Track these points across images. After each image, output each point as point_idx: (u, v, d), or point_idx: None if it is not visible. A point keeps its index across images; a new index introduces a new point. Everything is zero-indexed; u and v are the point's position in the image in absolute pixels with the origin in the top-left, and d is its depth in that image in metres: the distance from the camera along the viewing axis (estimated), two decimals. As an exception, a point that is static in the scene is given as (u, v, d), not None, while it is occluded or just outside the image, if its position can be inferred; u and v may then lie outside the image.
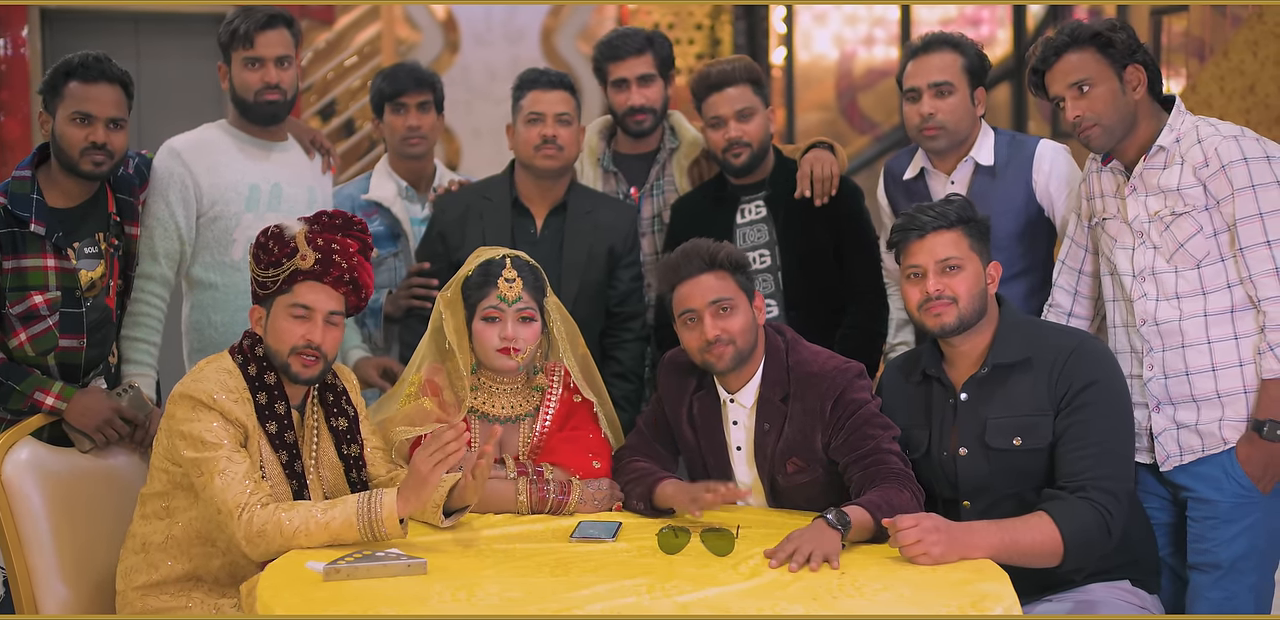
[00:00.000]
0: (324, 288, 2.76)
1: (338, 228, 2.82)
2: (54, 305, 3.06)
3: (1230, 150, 2.77)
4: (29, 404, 3.01)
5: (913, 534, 2.44)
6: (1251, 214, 2.75)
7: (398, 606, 2.25)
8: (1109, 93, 2.86)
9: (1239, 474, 2.78)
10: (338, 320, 2.79)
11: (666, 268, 2.91)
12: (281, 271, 2.75)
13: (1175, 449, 2.86)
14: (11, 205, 3.01)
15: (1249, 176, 2.75)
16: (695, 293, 2.85)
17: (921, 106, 3.27)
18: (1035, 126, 6.20)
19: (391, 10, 7.46)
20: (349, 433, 2.86)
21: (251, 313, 2.81)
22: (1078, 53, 2.87)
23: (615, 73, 3.72)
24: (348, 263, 2.78)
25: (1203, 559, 2.82)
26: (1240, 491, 2.79)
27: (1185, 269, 2.83)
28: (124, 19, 7.12)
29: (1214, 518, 2.81)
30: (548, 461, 2.95)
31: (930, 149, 3.34)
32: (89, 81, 3.07)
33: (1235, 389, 2.80)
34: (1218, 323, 2.81)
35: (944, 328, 2.75)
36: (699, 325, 2.85)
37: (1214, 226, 2.80)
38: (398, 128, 3.77)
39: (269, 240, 2.77)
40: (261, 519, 2.56)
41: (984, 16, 6.67)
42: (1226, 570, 2.79)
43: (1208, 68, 4.82)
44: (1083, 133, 2.90)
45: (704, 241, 2.91)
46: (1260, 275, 2.76)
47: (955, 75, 3.27)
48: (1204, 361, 2.82)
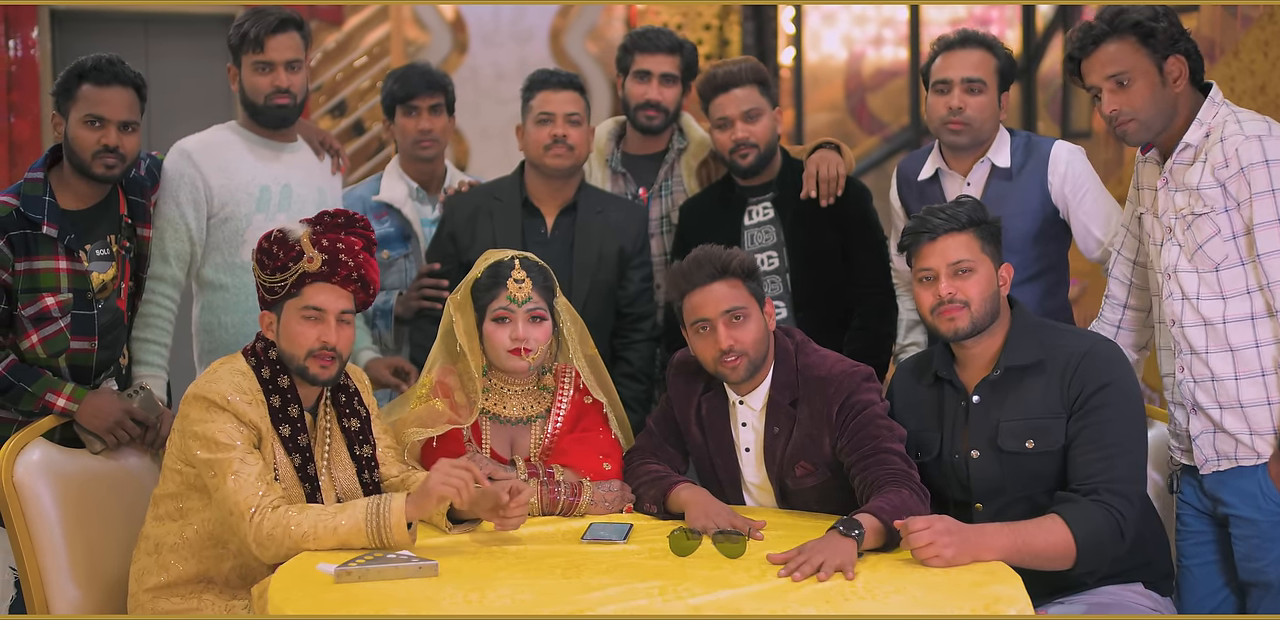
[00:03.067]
0: (333, 288, 2.76)
1: (340, 226, 2.82)
2: (65, 307, 3.06)
3: (1251, 152, 2.68)
4: (40, 405, 3.01)
5: (925, 536, 2.43)
6: (1271, 219, 2.66)
7: (409, 608, 2.25)
8: (1148, 87, 2.76)
9: (1273, 491, 2.73)
10: (349, 319, 2.79)
11: (677, 275, 2.89)
12: (289, 275, 2.74)
13: (1212, 453, 2.80)
14: (24, 207, 3.02)
15: (1269, 180, 2.66)
16: (708, 302, 2.84)
17: (951, 99, 3.25)
18: (1044, 126, 6.18)
19: (400, 11, 7.45)
20: (361, 434, 2.86)
21: (261, 318, 2.80)
22: (1117, 43, 2.77)
23: (641, 64, 3.73)
24: (354, 261, 2.77)
25: (1253, 577, 2.76)
26: (1276, 509, 2.73)
27: (1205, 271, 2.76)
28: (133, 20, 7.13)
29: (1256, 537, 2.74)
30: (558, 463, 2.95)
31: (950, 144, 3.32)
32: (102, 84, 3.07)
33: (1258, 400, 2.73)
34: (1238, 330, 2.74)
35: (957, 332, 2.73)
36: (712, 335, 2.83)
37: (1233, 229, 2.72)
38: (409, 130, 3.77)
39: (273, 245, 2.76)
40: (271, 522, 2.56)
41: (993, 17, 6.65)
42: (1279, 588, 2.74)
43: (1218, 68, 4.81)
44: (1119, 126, 2.81)
45: (715, 249, 2.89)
46: (1278, 282, 2.68)
47: (988, 74, 3.25)
48: (1227, 369, 2.75)
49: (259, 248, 2.78)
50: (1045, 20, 6.29)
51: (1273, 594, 2.75)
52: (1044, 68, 6.23)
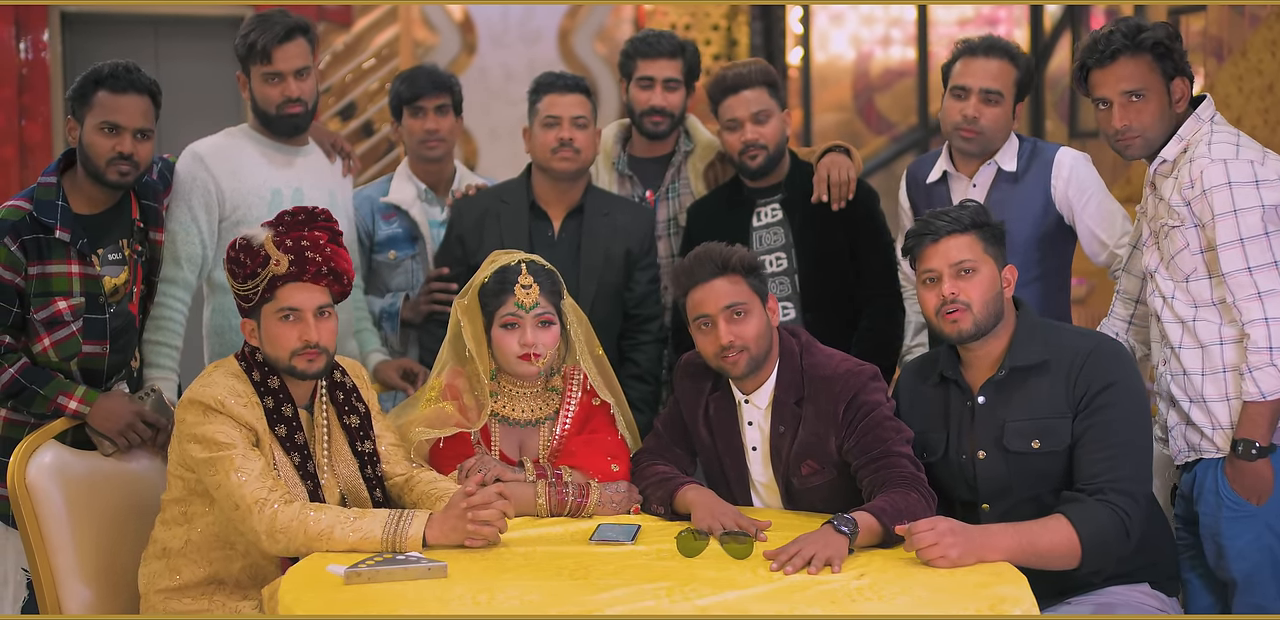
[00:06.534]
0: (305, 286, 2.75)
1: (302, 223, 2.80)
2: (77, 311, 3.07)
3: (1214, 175, 2.75)
4: (52, 408, 3.03)
5: (929, 537, 2.44)
6: (1232, 239, 2.73)
7: (418, 609, 2.27)
8: (1159, 107, 2.85)
9: (1227, 489, 2.79)
10: (329, 312, 2.78)
11: (680, 272, 2.92)
12: (260, 281, 2.73)
13: (1183, 444, 2.88)
14: (37, 211, 3.03)
15: (1231, 202, 2.72)
16: (709, 298, 2.86)
17: (967, 107, 3.26)
18: (1052, 125, 6.19)
19: (409, 12, 7.47)
20: (362, 429, 2.87)
21: (243, 326, 2.80)
22: (1134, 59, 2.83)
23: (643, 70, 3.74)
24: (321, 256, 2.76)
25: (1222, 576, 2.82)
26: (1232, 506, 2.78)
27: (1177, 280, 2.85)
28: (143, 22, 7.15)
29: (1215, 534, 2.80)
30: (566, 464, 2.96)
31: (960, 150, 3.35)
32: (119, 91, 3.07)
33: (1219, 396, 2.80)
34: (1207, 328, 2.81)
35: (961, 334, 2.74)
36: (713, 331, 2.85)
37: (1200, 244, 2.80)
38: (416, 131, 3.78)
39: (239, 253, 2.75)
40: (287, 516, 2.57)
41: (1001, 16, 6.65)
42: (1244, 586, 2.79)
43: (1225, 67, 4.81)
44: (1122, 141, 2.88)
45: (716, 246, 2.91)
46: (1243, 300, 2.74)
47: (1007, 86, 3.27)
48: (1196, 364, 2.83)
49: (227, 257, 2.77)
50: (1053, 20, 6.29)
51: (1241, 591, 2.79)
52: (1052, 67, 6.23)
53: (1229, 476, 2.78)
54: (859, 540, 2.52)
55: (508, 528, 2.62)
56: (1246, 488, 2.77)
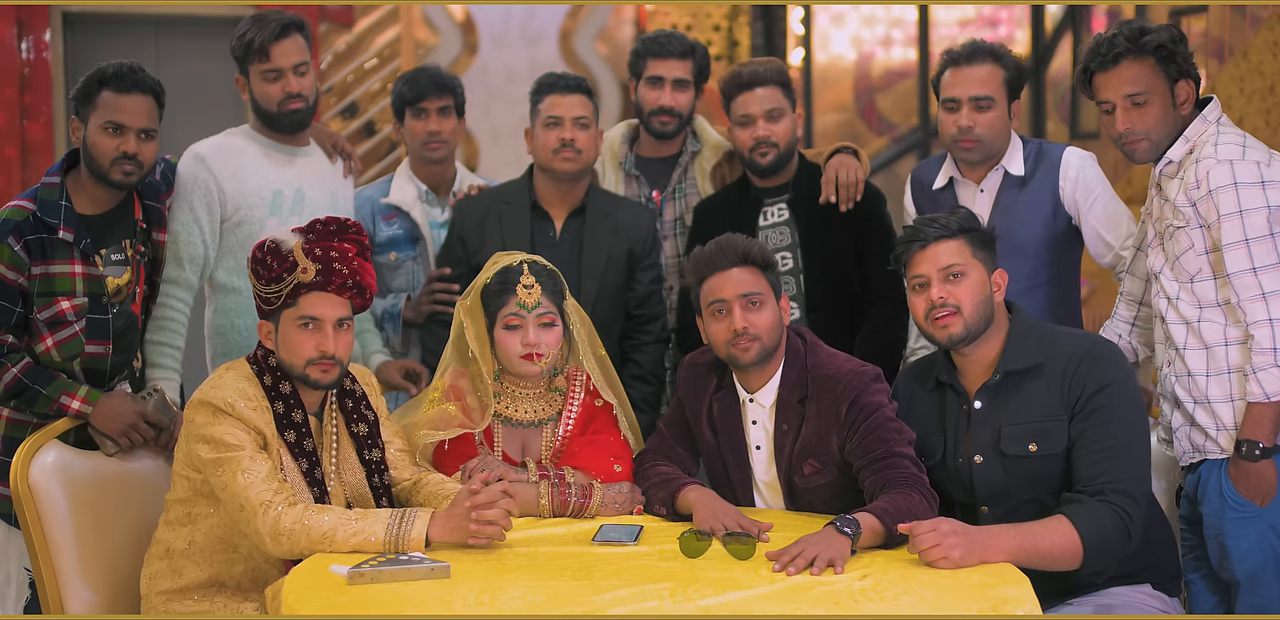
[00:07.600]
0: (329, 296, 2.75)
1: (333, 234, 2.80)
2: (80, 311, 3.08)
3: (1220, 176, 2.75)
4: (55, 408, 3.03)
5: (931, 538, 2.45)
6: (1238, 240, 2.74)
7: (421, 610, 2.27)
8: (1162, 110, 2.85)
9: (1231, 490, 2.80)
10: (348, 325, 2.79)
11: (698, 260, 2.92)
12: (284, 286, 2.74)
13: (1188, 446, 2.88)
14: (41, 212, 3.03)
15: (1236, 202, 2.73)
16: (726, 284, 2.87)
17: (960, 119, 3.26)
18: (1053, 127, 6.18)
19: (410, 12, 7.47)
20: (370, 437, 2.87)
21: (260, 327, 2.81)
22: (1138, 62, 2.84)
23: (653, 69, 3.75)
24: (348, 268, 2.77)
25: (1225, 576, 2.83)
26: (1235, 507, 2.79)
27: (1182, 281, 2.85)
28: (144, 22, 7.15)
29: (1218, 534, 2.81)
30: (569, 465, 2.96)
31: (964, 160, 3.35)
32: (123, 91, 3.08)
33: (1224, 397, 2.81)
34: (1212, 329, 2.82)
35: (951, 338, 2.75)
36: (728, 316, 2.86)
37: (1205, 245, 2.80)
38: (418, 132, 3.78)
39: (266, 255, 2.75)
40: (291, 518, 2.57)
41: (1002, 17, 6.64)
42: (1247, 587, 2.80)
43: (1227, 68, 4.81)
44: (1128, 145, 2.90)
45: (738, 236, 2.93)
46: (1247, 301, 2.75)
47: (996, 89, 3.26)
48: (1200, 365, 2.83)
49: (252, 258, 2.78)
50: (1054, 20, 6.28)
51: (1244, 592, 2.79)
52: (1053, 68, 6.22)
53: (1233, 477, 2.79)
54: (861, 541, 2.52)
55: (513, 526, 2.62)
56: (1250, 489, 2.77)
